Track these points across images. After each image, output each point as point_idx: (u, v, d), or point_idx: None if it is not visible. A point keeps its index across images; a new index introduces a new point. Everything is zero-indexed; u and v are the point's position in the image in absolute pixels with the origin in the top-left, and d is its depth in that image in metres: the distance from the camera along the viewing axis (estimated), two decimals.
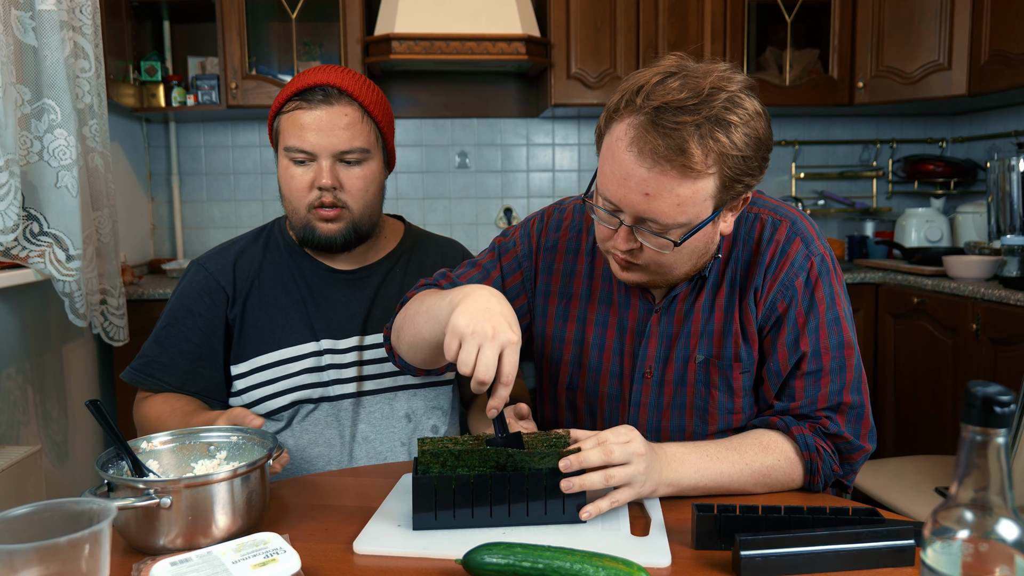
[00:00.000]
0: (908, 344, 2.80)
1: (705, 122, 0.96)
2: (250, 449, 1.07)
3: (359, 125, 1.33)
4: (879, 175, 3.60)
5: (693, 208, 1.01)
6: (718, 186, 1.01)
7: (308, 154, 1.32)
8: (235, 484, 0.92)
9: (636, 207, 1.01)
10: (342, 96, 1.32)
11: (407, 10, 2.90)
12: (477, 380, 0.95)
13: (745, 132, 0.99)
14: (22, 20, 1.89)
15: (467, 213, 3.53)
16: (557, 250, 1.27)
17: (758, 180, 1.05)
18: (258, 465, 0.95)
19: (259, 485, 0.96)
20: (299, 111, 1.32)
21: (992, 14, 2.81)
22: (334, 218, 1.35)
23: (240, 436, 1.09)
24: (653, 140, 0.97)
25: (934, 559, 0.59)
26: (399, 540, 0.93)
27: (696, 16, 3.10)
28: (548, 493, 0.97)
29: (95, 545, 0.64)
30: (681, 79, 0.98)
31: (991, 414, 0.56)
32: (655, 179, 0.99)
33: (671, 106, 0.97)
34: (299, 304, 1.41)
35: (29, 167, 1.94)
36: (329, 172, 1.32)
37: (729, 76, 1.00)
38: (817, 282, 1.13)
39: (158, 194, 3.38)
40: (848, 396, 1.11)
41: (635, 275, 1.11)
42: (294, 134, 1.32)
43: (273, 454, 1.00)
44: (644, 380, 1.19)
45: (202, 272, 1.42)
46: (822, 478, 1.10)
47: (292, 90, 1.34)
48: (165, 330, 1.40)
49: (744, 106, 0.99)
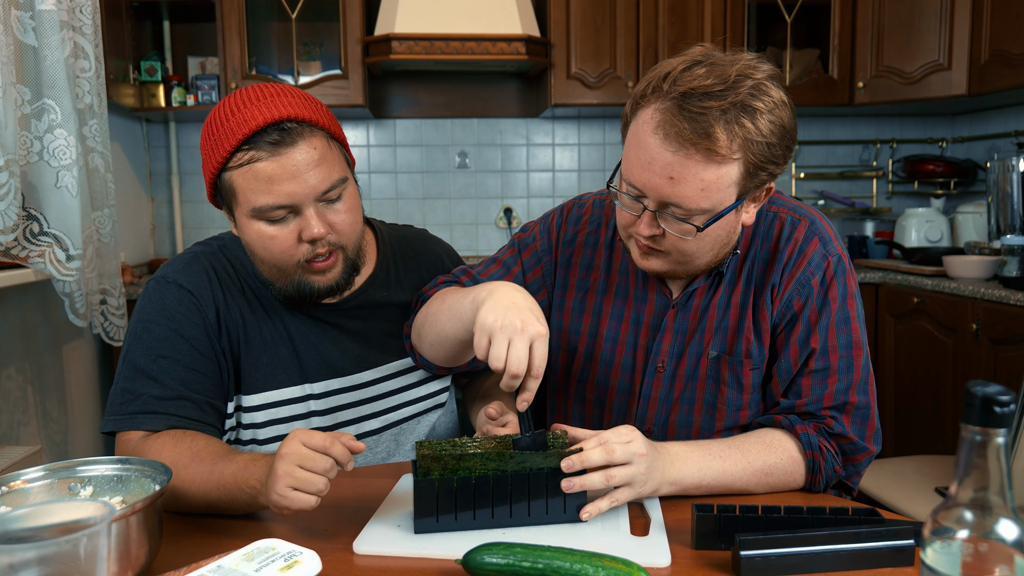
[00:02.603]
0: (908, 344, 2.80)
1: (731, 108, 0.97)
2: (134, 482, 0.93)
3: (329, 155, 1.12)
4: (879, 175, 3.60)
5: (717, 194, 1.01)
6: (742, 172, 1.02)
7: (286, 207, 1.10)
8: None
9: (660, 191, 1.02)
10: (302, 128, 1.09)
11: (407, 10, 2.90)
12: (509, 374, 0.95)
13: (770, 119, 1.00)
14: (22, 20, 1.89)
15: (467, 213, 3.53)
16: (576, 244, 1.28)
17: (782, 169, 1.06)
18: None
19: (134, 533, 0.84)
20: (257, 163, 1.08)
21: (992, 14, 2.81)
22: (331, 266, 1.17)
23: (123, 467, 0.94)
24: (679, 124, 0.98)
25: (934, 559, 0.59)
26: (399, 540, 0.93)
27: (696, 16, 3.10)
28: (550, 492, 0.97)
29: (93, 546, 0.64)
30: (708, 67, 1.00)
31: (991, 414, 0.56)
32: (680, 163, 0.99)
33: (697, 91, 0.98)
34: (285, 342, 1.23)
35: (29, 167, 1.94)
36: (318, 220, 1.11)
37: (755, 65, 1.02)
38: (832, 281, 1.14)
39: (158, 194, 3.38)
40: (854, 396, 1.11)
41: (656, 263, 1.11)
42: (261, 191, 1.08)
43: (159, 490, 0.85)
44: (656, 374, 1.20)
45: (179, 290, 1.18)
46: (823, 478, 1.10)
47: (237, 138, 1.07)
48: (160, 360, 1.13)
49: (770, 94, 1.01)
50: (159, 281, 1.19)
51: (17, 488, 0.92)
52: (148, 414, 1.11)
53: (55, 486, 0.94)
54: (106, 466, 0.96)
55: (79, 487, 0.94)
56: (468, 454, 0.97)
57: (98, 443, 2.55)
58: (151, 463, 0.95)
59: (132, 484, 0.95)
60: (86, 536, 0.63)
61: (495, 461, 0.97)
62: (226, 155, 1.09)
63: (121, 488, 0.95)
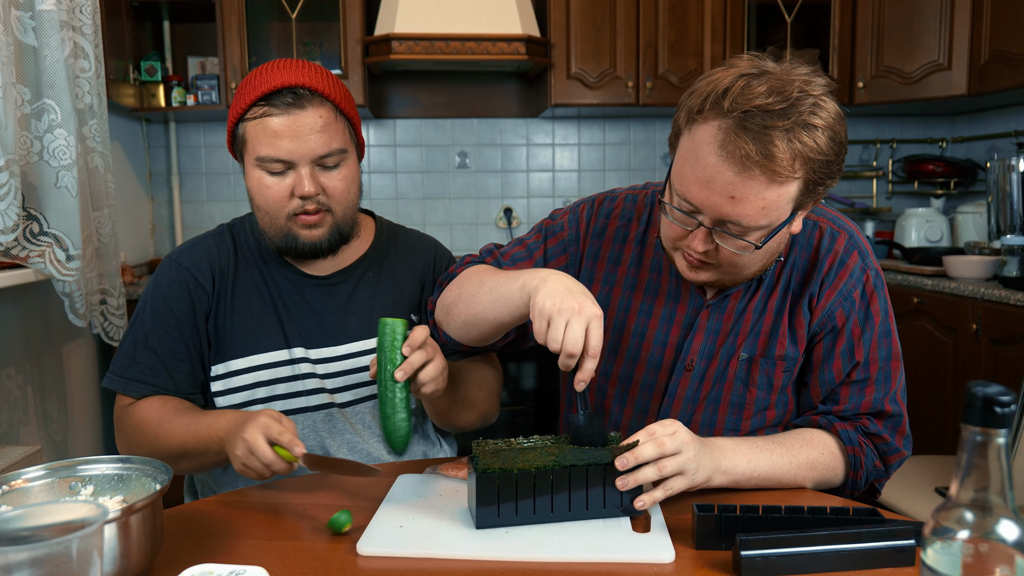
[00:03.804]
0: (908, 344, 2.78)
1: (794, 127, 0.97)
2: (135, 482, 0.94)
3: (334, 125, 1.25)
4: (879, 175, 3.60)
5: (776, 212, 1.02)
6: (801, 189, 1.02)
7: (285, 163, 1.23)
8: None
9: (720, 210, 1.02)
10: (313, 97, 1.23)
11: (407, 10, 2.90)
12: (566, 354, 0.97)
13: (829, 136, 1.00)
14: (22, 20, 1.89)
15: (467, 213, 3.53)
16: (605, 237, 1.29)
17: (835, 182, 1.06)
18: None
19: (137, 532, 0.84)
20: (268, 118, 1.22)
21: (992, 14, 2.81)
22: (317, 223, 1.28)
23: (123, 466, 0.96)
24: (744, 145, 0.97)
25: (934, 559, 0.59)
26: (403, 541, 0.93)
27: (696, 16, 3.10)
28: (607, 484, 0.99)
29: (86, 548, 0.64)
30: (766, 83, 0.98)
31: (991, 414, 0.56)
32: (743, 183, 0.99)
33: (760, 110, 0.97)
34: (271, 309, 1.34)
35: (29, 167, 1.94)
36: (310, 179, 1.24)
37: (813, 80, 1.01)
38: (873, 295, 1.17)
39: (158, 194, 3.38)
40: (889, 405, 1.16)
41: (705, 275, 1.12)
42: (266, 142, 1.23)
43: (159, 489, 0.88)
44: (684, 373, 1.21)
45: (176, 268, 1.34)
46: (864, 472, 1.14)
47: (256, 93, 1.22)
48: (154, 332, 1.31)
49: (827, 109, 1.00)
50: (165, 258, 1.38)
51: (18, 487, 0.92)
52: (142, 383, 1.30)
53: (56, 485, 0.94)
54: (107, 465, 0.96)
55: (80, 486, 0.94)
56: (527, 447, 0.99)
57: (98, 443, 2.55)
58: (152, 462, 0.96)
59: (133, 483, 0.95)
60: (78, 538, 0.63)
61: (553, 455, 0.98)
62: (245, 107, 1.24)
63: (122, 487, 0.95)
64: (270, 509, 1.06)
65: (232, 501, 1.10)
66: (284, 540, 0.95)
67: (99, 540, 0.66)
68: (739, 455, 1.06)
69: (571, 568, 0.88)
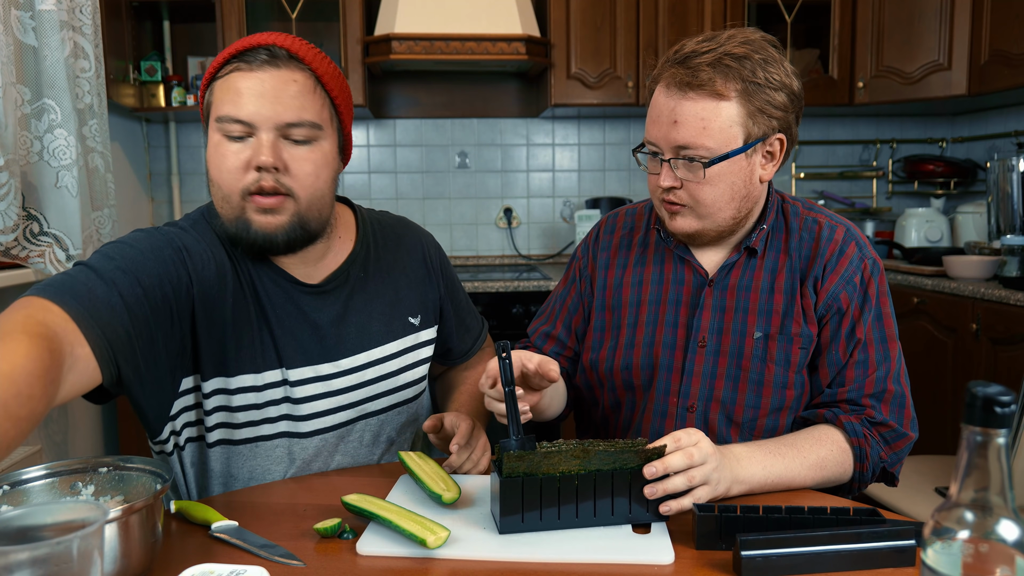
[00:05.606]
0: (908, 344, 2.78)
1: (723, 55, 1.12)
2: (133, 483, 0.92)
3: (310, 95, 1.09)
4: (879, 175, 3.60)
5: (719, 133, 1.13)
6: (742, 112, 1.13)
7: (246, 125, 1.07)
8: None
9: (668, 137, 1.15)
10: (291, 60, 1.09)
11: (407, 10, 2.90)
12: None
13: (761, 65, 1.13)
14: (22, 20, 1.89)
15: (467, 213, 3.53)
16: (611, 248, 1.39)
17: (788, 127, 1.18)
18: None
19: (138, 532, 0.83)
20: (237, 73, 1.07)
21: (992, 14, 2.81)
22: (274, 208, 1.09)
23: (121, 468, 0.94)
24: (678, 75, 1.14)
25: (935, 559, 0.59)
26: (403, 541, 0.93)
27: (696, 16, 3.10)
28: (633, 491, 0.98)
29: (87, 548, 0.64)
30: (705, 35, 1.17)
31: (991, 414, 0.56)
32: (680, 105, 1.14)
33: (694, 51, 1.14)
34: (260, 322, 1.17)
35: (29, 167, 1.94)
36: (270, 148, 1.07)
37: (746, 28, 1.18)
38: (870, 280, 1.24)
39: (158, 194, 3.38)
40: (891, 384, 1.20)
41: (682, 221, 1.22)
42: (228, 100, 1.07)
43: (162, 491, 0.86)
44: (699, 350, 1.25)
45: (170, 238, 1.12)
46: (870, 464, 1.17)
47: (232, 51, 1.09)
48: (119, 246, 1.07)
49: (757, 45, 1.14)
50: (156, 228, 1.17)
51: (19, 487, 0.92)
52: (73, 295, 1.00)
53: (56, 485, 0.94)
54: (107, 466, 0.96)
55: (81, 486, 0.94)
56: (552, 451, 0.97)
57: (98, 443, 2.55)
58: (152, 462, 0.96)
59: (133, 483, 0.95)
60: (79, 538, 0.63)
61: (579, 459, 0.98)
62: (218, 66, 1.11)
63: (122, 487, 0.95)
64: (270, 509, 1.06)
65: (232, 501, 1.10)
66: (284, 540, 0.95)
67: (99, 540, 0.66)
68: (755, 463, 1.08)
69: (571, 568, 0.88)
